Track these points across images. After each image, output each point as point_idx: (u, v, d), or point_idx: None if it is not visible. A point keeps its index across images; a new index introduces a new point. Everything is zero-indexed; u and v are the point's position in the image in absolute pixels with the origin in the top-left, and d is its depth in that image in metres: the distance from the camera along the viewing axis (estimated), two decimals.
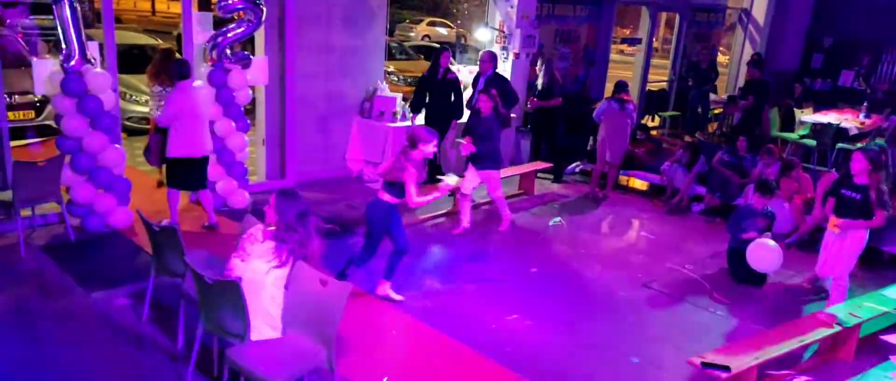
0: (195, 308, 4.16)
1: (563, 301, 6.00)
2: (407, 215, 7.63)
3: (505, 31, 9.96)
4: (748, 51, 14.50)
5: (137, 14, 30.80)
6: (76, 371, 4.42)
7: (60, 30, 6.01)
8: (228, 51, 6.90)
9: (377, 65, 9.10)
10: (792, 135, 11.93)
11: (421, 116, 8.77)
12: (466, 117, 8.25)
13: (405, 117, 8.82)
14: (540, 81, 9.80)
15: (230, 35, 6.80)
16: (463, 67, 10.44)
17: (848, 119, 11.67)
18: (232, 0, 6.63)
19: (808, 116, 12.14)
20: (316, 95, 8.42)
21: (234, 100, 7.04)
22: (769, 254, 6.29)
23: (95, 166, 6.38)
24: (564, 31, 11.02)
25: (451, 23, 25.84)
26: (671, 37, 14.77)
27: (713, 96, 13.93)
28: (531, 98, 9.69)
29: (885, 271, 7.03)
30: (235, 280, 3.74)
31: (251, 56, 7.19)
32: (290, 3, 7.82)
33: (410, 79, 13.08)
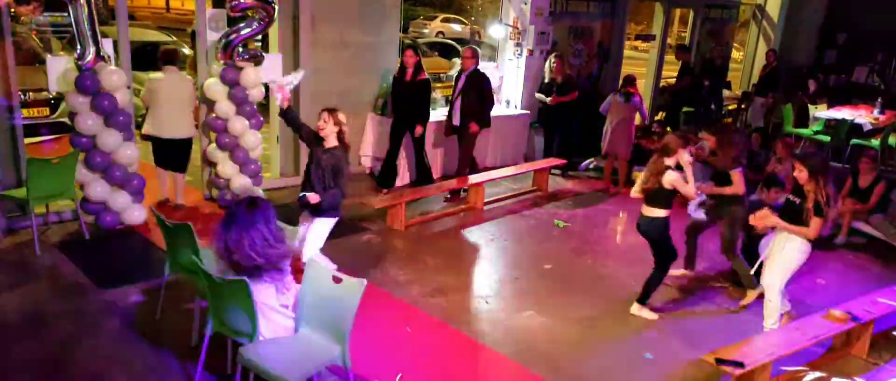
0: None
1: (577, 298, 5.98)
2: (419, 212, 7.65)
3: (519, 28, 9.93)
4: (762, 47, 14.40)
5: (151, 11, 30.94)
6: (90, 368, 4.45)
7: (74, 27, 6.03)
8: (241, 48, 6.92)
9: (391, 62, 9.08)
10: (806, 131, 11.86)
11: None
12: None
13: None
14: (547, 75, 9.75)
15: (242, 33, 6.81)
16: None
17: (862, 115, 11.59)
18: None
19: (822, 111, 12.06)
20: (329, 91, 8.41)
21: (247, 97, 7.05)
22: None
23: (109, 164, 6.41)
24: (578, 28, 10.97)
25: (465, 19, 25.80)
26: (685, 33, 14.67)
27: (727, 93, 13.87)
28: (553, 94, 9.62)
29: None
30: (244, 279, 3.73)
31: (263, 54, 7.20)
32: (304, 1, 7.84)
33: None
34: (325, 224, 5.34)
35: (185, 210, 7.23)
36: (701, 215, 6.16)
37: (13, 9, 9.76)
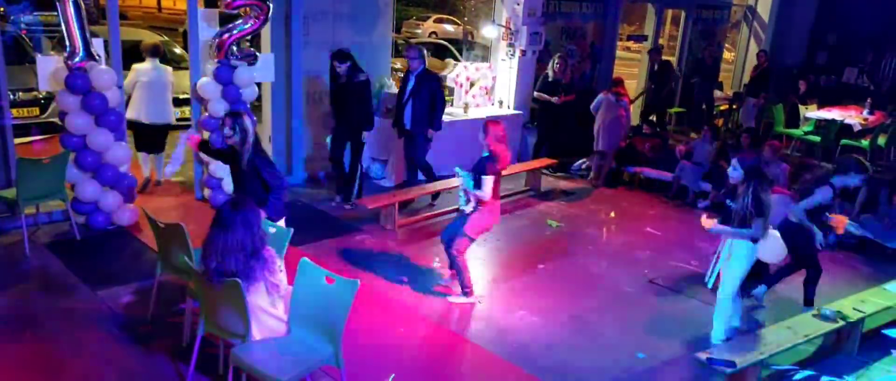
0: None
1: (569, 297, 6.00)
2: (412, 212, 7.65)
3: (511, 28, 9.94)
4: (754, 47, 14.48)
5: (143, 10, 30.81)
6: (81, 369, 4.42)
7: (64, 26, 6.01)
8: (234, 47, 6.89)
9: (384, 62, 9.08)
10: (796, 131, 11.93)
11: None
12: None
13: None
14: (551, 75, 9.76)
15: (235, 32, 6.79)
16: (470, 64, 10.39)
17: (852, 115, 11.68)
18: None
19: (812, 112, 12.14)
20: (322, 91, 8.41)
21: (240, 97, 7.03)
22: (774, 244, 6.31)
23: (100, 164, 6.38)
24: (571, 29, 11.00)
25: (457, 20, 25.80)
26: (677, 34, 14.74)
27: (718, 93, 13.93)
28: (560, 93, 9.66)
29: (887, 266, 7.03)
30: (236, 280, 3.71)
31: (257, 53, 7.18)
32: (296, 0, 7.82)
33: None
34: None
35: (165, 190, 7.67)
36: None
37: (1, 8, 9.71)
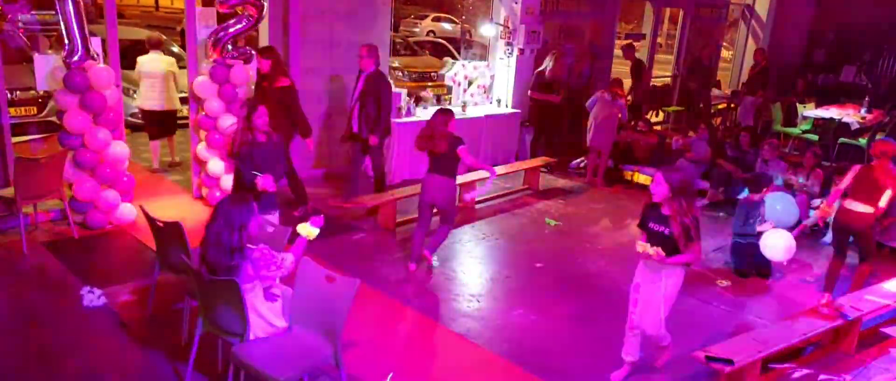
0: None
1: (567, 296, 6.00)
2: (410, 211, 7.64)
3: (509, 27, 9.94)
4: (751, 46, 14.49)
5: (141, 9, 30.75)
6: (79, 368, 4.42)
7: (63, 25, 6.00)
8: (230, 46, 6.88)
9: (382, 60, 9.06)
10: (794, 130, 11.94)
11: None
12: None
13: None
14: (547, 70, 9.79)
15: (231, 30, 6.78)
16: (468, 62, 10.40)
17: (850, 114, 11.68)
18: None
19: (810, 110, 12.15)
20: (320, 90, 8.41)
21: (236, 95, 7.03)
22: (785, 241, 6.34)
23: (98, 162, 6.37)
24: (569, 27, 11.00)
25: (455, 18, 25.80)
26: (675, 32, 14.74)
27: (717, 92, 13.95)
28: (560, 90, 9.74)
29: (886, 265, 7.04)
30: (234, 279, 3.72)
31: (253, 51, 7.18)
32: None
33: (415, 74, 13.06)
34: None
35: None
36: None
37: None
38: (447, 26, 25.79)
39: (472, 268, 6.49)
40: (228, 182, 7.10)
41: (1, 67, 6.31)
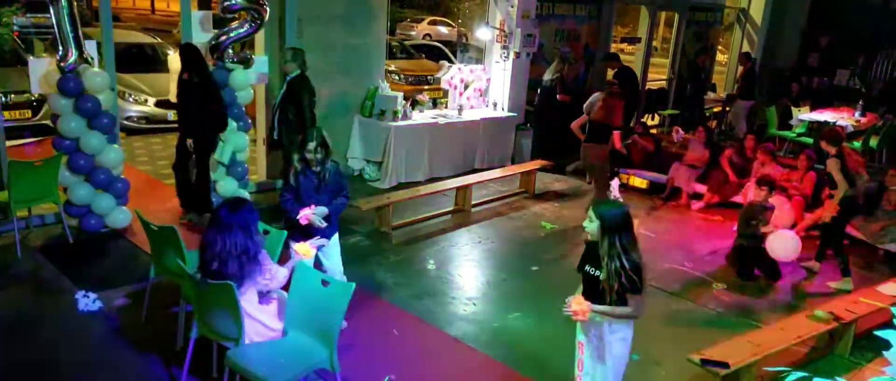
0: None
1: (564, 299, 5.96)
2: (407, 214, 7.64)
3: (505, 30, 9.96)
4: (747, 50, 14.53)
5: (136, 13, 30.77)
6: (74, 372, 4.40)
7: (57, 28, 5.98)
8: (230, 51, 6.88)
9: (378, 64, 9.09)
10: (789, 133, 11.97)
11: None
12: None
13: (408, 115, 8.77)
14: (552, 73, 9.89)
15: (233, 35, 6.77)
16: (464, 66, 10.41)
17: (844, 117, 11.72)
18: (235, 0, 6.59)
19: (804, 114, 12.19)
20: (316, 93, 8.39)
21: (235, 99, 7.01)
22: (790, 242, 6.46)
23: (93, 166, 6.36)
24: (565, 30, 11.02)
25: (451, 22, 25.84)
26: (670, 36, 14.77)
27: (711, 95, 13.97)
28: (561, 93, 9.92)
29: (880, 267, 7.07)
30: (229, 283, 3.71)
31: (252, 56, 7.17)
32: (290, 2, 7.81)
33: (411, 78, 13.07)
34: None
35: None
36: None
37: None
38: (443, 29, 25.82)
39: (468, 271, 6.49)
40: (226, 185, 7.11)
41: None
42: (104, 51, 6.64)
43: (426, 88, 12.06)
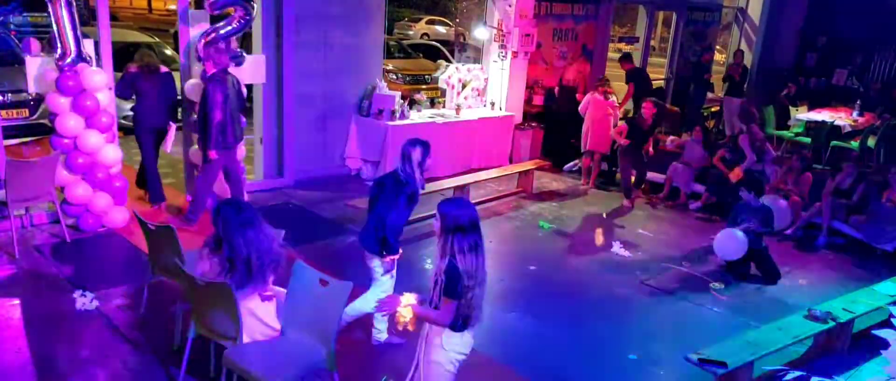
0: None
1: (561, 299, 6.00)
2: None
3: (503, 30, 9.95)
4: (745, 49, 14.55)
5: (134, 12, 30.72)
6: (72, 371, 4.39)
7: (55, 27, 5.97)
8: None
9: (376, 63, 9.07)
10: (787, 132, 11.99)
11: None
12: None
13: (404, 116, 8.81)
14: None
15: (221, 32, 6.74)
16: (461, 65, 10.40)
17: (841, 117, 11.76)
18: None
19: (802, 113, 12.21)
20: (314, 93, 8.40)
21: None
22: (732, 242, 6.50)
23: (91, 165, 6.34)
24: (562, 30, 11.02)
25: (449, 21, 25.83)
26: (668, 35, 14.78)
27: (709, 94, 13.99)
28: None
29: (877, 267, 7.07)
30: (227, 282, 3.71)
31: (245, 54, 7.15)
32: (287, 1, 7.80)
33: (409, 77, 13.06)
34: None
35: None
36: None
37: None
38: (441, 29, 25.81)
39: None
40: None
41: None
42: (101, 50, 6.63)
43: (424, 87, 12.05)
